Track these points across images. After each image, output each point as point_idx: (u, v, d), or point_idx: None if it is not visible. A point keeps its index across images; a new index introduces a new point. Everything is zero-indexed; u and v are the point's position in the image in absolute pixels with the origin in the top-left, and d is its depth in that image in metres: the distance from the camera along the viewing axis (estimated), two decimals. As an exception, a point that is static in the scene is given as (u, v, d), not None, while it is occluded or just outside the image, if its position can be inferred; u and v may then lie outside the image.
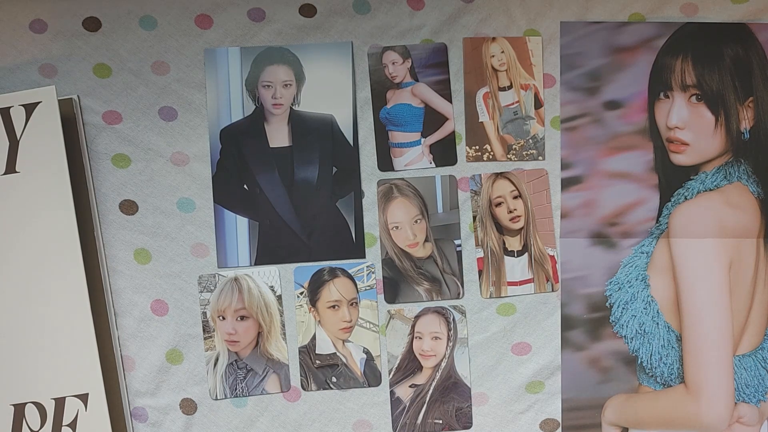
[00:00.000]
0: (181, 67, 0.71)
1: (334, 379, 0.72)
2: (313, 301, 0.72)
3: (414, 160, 0.72)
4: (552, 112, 0.73)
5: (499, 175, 0.72)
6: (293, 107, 0.72)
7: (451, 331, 0.72)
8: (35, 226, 0.67)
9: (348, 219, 0.72)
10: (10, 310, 0.67)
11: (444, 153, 0.72)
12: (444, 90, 0.72)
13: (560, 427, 0.73)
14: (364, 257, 0.72)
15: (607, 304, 0.72)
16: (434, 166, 0.72)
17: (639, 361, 0.72)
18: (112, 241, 0.71)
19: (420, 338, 0.72)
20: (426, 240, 0.72)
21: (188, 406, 0.71)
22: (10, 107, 0.67)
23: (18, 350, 0.67)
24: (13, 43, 0.70)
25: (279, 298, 0.71)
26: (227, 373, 0.71)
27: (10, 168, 0.67)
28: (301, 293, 0.72)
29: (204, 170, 0.71)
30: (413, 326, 0.72)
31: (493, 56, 0.72)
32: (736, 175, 0.72)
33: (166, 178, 0.71)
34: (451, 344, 0.72)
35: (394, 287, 0.72)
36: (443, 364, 0.72)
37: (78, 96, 0.71)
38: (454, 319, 0.72)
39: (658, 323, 0.72)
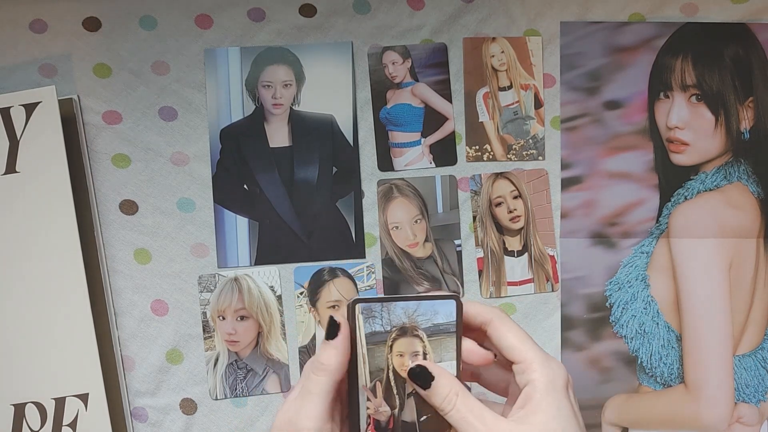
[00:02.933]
0: (181, 67, 0.71)
1: (334, 379, 0.72)
2: (313, 301, 0.72)
3: (414, 160, 0.72)
4: (552, 112, 0.73)
5: (499, 175, 0.72)
6: (293, 107, 0.72)
7: (451, 331, 0.72)
8: (35, 226, 0.67)
9: (348, 219, 0.72)
10: (10, 310, 0.67)
11: (444, 153, 0.72)
12: (444, 90, 0.72)
13: (560, 427, 0.73)
14: (364, 257, 0.72)
15: (607, 304, 0.72)
16: (434, 166, 0.72)
17: (639, 361, 0.72)
18: (112, 241, 0.71)
19: (420, 338, 0.72)
20: (426, 240, 0.72)
21: (188, 406, 0.71)
22: (10, 107, 0.67)
23: (18, 350, 0.67)
24: (13, 43, 0.70)
25: (279, 298, 0.71)
26: (227, 373, 0.71)
27: (10, 168, 0.67)
28: (301, 293, 0.72)
29: (204, 170, 0.71)
30: (413, 326, 0.72)
31: (493, 56, 0.72)
32: (736, 175, 0.72)
33: (166, 178, 0.71)
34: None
35: (394, 287, 0.72)
36: (443, 364, 0.72)
37: (78, 96, 0.71)
38: (454, 319, 0.72)
39: (658, 323, 0.72)
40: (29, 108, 0.67)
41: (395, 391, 0.47)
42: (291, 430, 0.45)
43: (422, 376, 0.46)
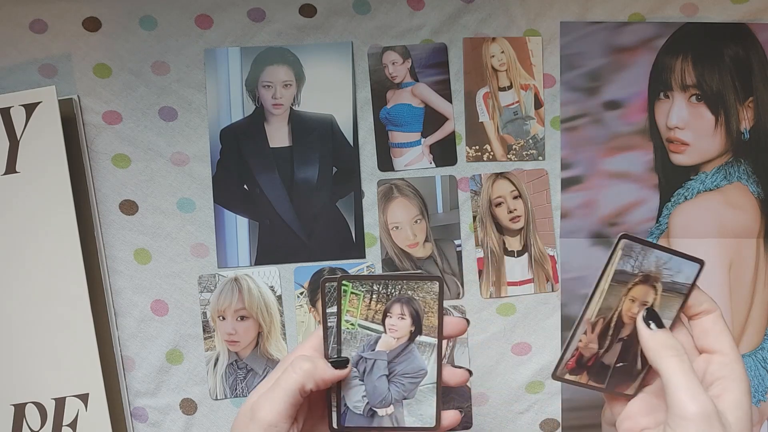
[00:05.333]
0: (181, 67, 0.71)
1: (334, 379, 0.72)
2: (314, 302, 0.72)
3: (414, 160, 0.72)
4: (552, 112, 0.73)
5: (499, 175, 0.72)
6: (293, 107, 0.72)
7: (451, 331, 0.72)
8: (35, 227, 0.67)
9: (348, 219, 0.72)
10: (10, 310, 0.67)
11: (444, 153, 0.72)
12: (444, 90, 0.72)
13: (560, 427, 0.73)
14: (364, 257, 0.72)
15: (607, 304, 0.72)
16: (434, 166, 0.72)
17: (639, 361, 0.72)
18: (112, 241, 0.71)
19: (420, 338, 0.72)
20: (426, 240, 0.72)
21: (188, 406, 0.71)
22: (10, 107, 0.67)
23: (18, 350, 0.67)
24: (13, 43, 0.70)
25: (279, 298, 0.71)
26: (227, 374, 0.71)
27: (10, 168, 0.67)
28: (301, 293, 0.72)
29: (204, 170, 0.71)
30: (413, 326, 0.72)
31: (493, 56, 0.72)
32: (736, 175, 0.72)
33: (166, 178, 0.71)
34: (451, 344, 0.72)
35: (394, 287, 0.72)
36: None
37: (78, 96, 0.71)
38: (454, 319, 0.72)
39: (658, 323, 0.72)
40: (29, 108, 0.67)
41: (609, 333, 0.50)
42: (249, 416, 0.46)
43: (657, 318, 0.49)
